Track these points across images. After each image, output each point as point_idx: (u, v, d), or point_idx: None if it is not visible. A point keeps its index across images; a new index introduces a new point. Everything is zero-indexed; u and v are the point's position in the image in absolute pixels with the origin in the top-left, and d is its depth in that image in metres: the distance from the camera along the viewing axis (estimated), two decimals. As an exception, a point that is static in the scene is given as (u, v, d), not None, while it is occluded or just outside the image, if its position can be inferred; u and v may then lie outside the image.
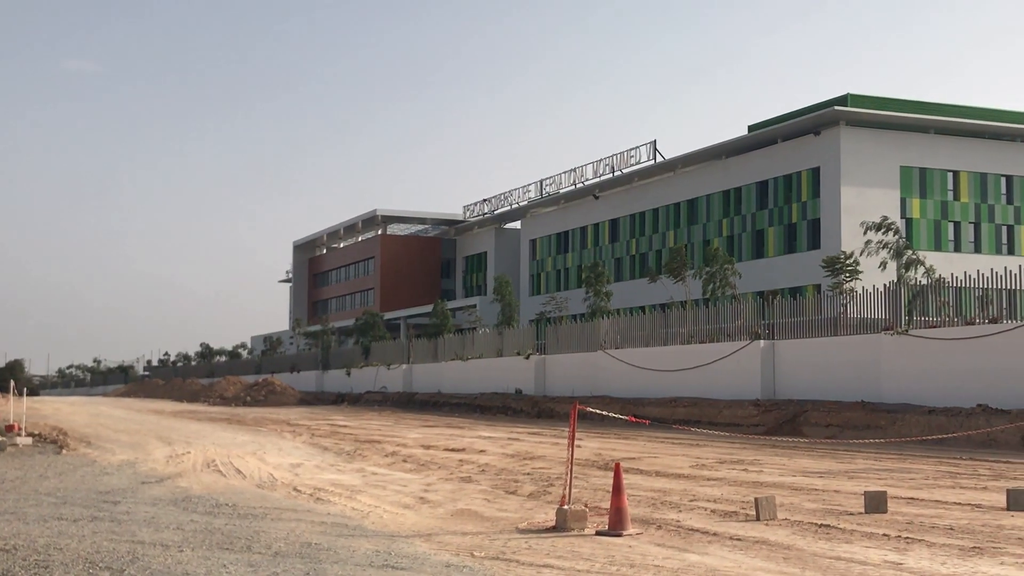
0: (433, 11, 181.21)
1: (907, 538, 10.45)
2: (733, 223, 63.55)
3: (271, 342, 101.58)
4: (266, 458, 21.43)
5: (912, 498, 13.91)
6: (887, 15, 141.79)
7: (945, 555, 9.55)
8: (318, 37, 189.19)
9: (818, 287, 48.32)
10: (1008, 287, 29.28)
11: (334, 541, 10.52)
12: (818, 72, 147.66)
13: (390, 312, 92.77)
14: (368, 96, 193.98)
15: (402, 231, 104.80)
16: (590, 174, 74.43)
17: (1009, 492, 12.94)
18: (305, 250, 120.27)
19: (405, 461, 20.86)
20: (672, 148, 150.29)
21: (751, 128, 63.51)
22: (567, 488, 11.39)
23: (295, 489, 15.66)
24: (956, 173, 58.16)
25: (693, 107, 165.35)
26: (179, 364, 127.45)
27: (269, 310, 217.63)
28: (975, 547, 9.93)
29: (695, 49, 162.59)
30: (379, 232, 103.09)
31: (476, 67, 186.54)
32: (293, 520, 12.15)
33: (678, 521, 11.77)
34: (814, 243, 57.18)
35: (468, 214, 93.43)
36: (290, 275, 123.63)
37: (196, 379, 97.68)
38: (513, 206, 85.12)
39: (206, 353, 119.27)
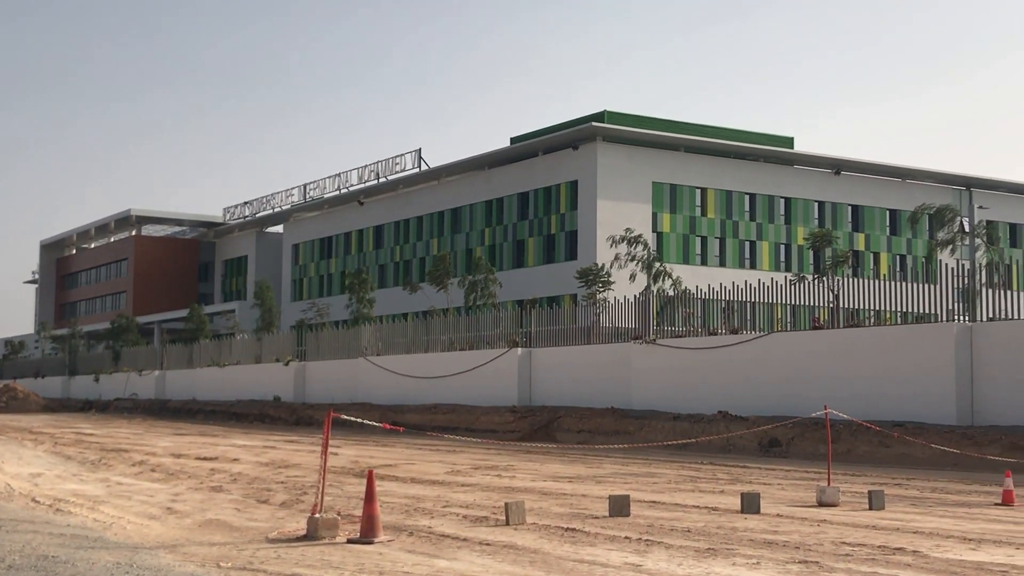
0: (191, 6, 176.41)
1: (647, 540, 10.88)
2: (495, 233, 64.56)
3: (13, 346, 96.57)
4: (4, 467, 20.37)
5: (654, 501, 14.50)
6: (645, 35, 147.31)
7: (682, 556, 9.99)
8: (72, 24, 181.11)
9: (575, 297, 49.73)
10: (749, 300, 30.93)
11: (73, 553, 10.11)
12: (579, 88, 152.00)
13: (144, 316, 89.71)
14: (124, 91, 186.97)
15: (158, 232, 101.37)
16: (355, 180, 74.21)
17: (743, 495, 13.66)
18: (53, 250, 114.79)
19: (153, 470, 20.26)
20: (437, 157, 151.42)
21: (513, 140, 64.75)
22: (319, 496, 11.32)
23: (34, 500, 14.96)
24: (704, 190, 60.97)
25: (459, 117, 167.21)
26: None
27: (12, 312, 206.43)
28: (710, 548, 10.43)
29: (462, 59, 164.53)
30: (133, 233, 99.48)
31: (236, 65, 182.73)
32: (30, 532, 11.60)
33: (430, 527, 11.89)
34: (571, 254, 58.75)
35: (228, 216, 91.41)
36: (36, 276, 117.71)
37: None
38: (275, 210, 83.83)
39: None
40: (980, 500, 15.01)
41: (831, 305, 29.83)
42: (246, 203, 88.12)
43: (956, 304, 26.22)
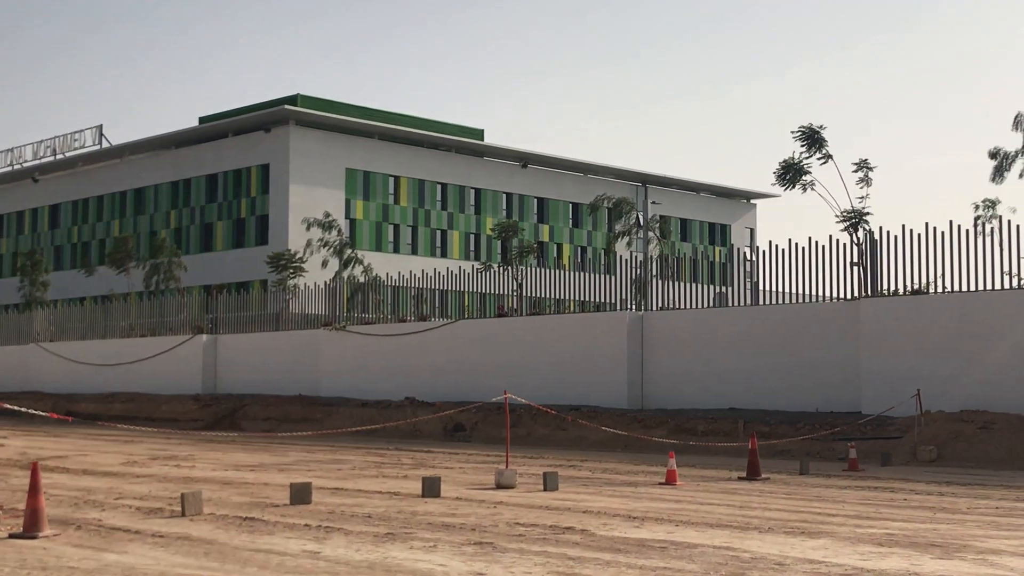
0: None
1: (327, 527, 10.88)
2: (182, 215, 62.58)
3: None
4: None
5: (337, 488, 14.51)
6: (341, 19, 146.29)
7: (360, 542, 10.04)
8: None
9: (265, 283, 48.97)
10: (440, 288, 31.47)
11: None
12: (273, 70, 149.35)
13: None
14: None
15: None
16: (29, 155, 69.94)
17: (424, 480, 13.89)
18: None
19: None
20: (121, 134, 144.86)
21: (202, 120, 62.93)
22: (-23, 491, 10.66)
23: None
24: (397, 178, 61.42)
25: (145, 94, 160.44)
26: None
27: None
28: (389, 533, 10.54)
29: (149, 32, 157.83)
30: None
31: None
32: None
33: (100, 520, 11.42)
34: (262, 239, 57.76)
35: None
36: None
37: None
38: (-62, 184, 77.81)
39: None
40: (646, 480, 15.92)
41: (516, 293, 30.79)
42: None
43: (630, 294, 27.68)
